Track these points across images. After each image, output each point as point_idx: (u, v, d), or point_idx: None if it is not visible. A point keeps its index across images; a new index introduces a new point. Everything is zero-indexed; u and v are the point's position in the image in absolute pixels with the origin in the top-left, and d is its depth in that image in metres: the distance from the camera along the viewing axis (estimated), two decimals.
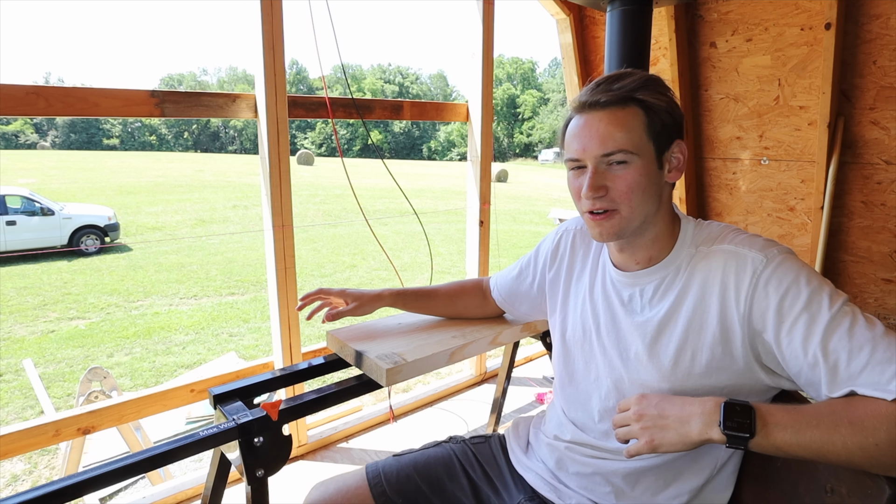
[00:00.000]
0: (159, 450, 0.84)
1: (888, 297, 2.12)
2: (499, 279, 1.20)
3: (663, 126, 0.78)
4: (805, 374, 0.70)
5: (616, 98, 0.77)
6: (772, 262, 0.73)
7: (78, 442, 2.54)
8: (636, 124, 0.77)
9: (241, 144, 65.47)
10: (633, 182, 0.77)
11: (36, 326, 6.04)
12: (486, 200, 2.31)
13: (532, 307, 1.14)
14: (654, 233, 0.83)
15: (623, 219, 0.79)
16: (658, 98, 0.78)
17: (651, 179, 0.79)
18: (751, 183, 2.39)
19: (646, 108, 0.77)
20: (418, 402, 2.29)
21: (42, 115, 1.35)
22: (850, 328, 0.67)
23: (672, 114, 0.79)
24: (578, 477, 0.91)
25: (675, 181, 0.83)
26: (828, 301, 0.69)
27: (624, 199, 0.78)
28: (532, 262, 1.09)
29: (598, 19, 2.59)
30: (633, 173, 0.77)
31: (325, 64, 2.11)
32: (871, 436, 0.61)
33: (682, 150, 0.81)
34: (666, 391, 0.80)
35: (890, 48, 1.85)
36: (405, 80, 77.05)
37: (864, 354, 0.65)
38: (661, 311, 0.81)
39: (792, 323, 0.69)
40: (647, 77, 0.80)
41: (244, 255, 9.50)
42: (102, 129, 60.45)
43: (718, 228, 0.82)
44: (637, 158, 0.77)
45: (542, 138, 60.49)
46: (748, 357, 0.75)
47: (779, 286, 0.71)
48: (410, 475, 0.98)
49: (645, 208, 0.79)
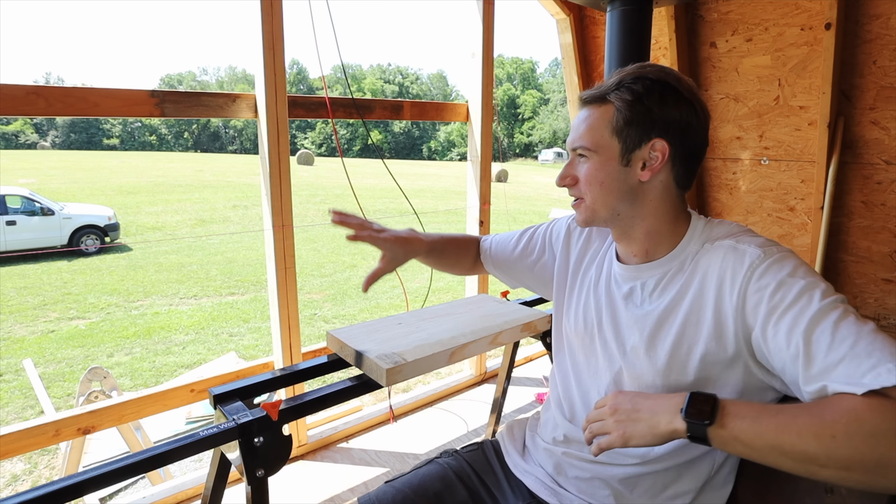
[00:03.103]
0: (159, 450, 0.84)
1: (888, 297, 2.12)
2: (494, 246, 1.15)
3: (628, 123, 0.79)
4: (788, 368, 0.67)
5: (592, 97, 0.83)
6: (769, 258, 0.72)
7: (78, 442, 2.54)
8: (602, 122, 0.81)
9: (241, 144, 65.46)
10: (589, 176, 0.83)
11: (36, 326, 6.04)
12: (486, 200, 2.31)
13: (521, 280, 1.13)
14: (644, 227, 0.84)
15: (587, 208, 0.85)
16: (625, 97, 0.79)
17: (611, 175, 0.81)
18: (751, 183, 2.39)
19: (616, 106, 0.80)
20: (418, 402, 2.29)
21: (42, 115, 1.35)
22: (836, 321, 0.64)
23: (644, 112, 0.78)
24: (578, 481, 0.91)
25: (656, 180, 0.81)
26: (819, 295, 0.67)
27: (585, 189, 0.84)
28: (540, 239, 1.09)
29: (598, 19, 2.59)
30: (590, 168, 0.83)
31: (325, 64, 2.11)
32: (829, 427, 0.58)
33: (661, 149, 0.79)
34: (660, 386, 0.80)
35: (890, 48, 1.85)
36: (405, 80, 77.05)
37: (845, 347, 0.62)
38: (662, 305, 0.82)
39: (780, 315, 0.68)
40: (628, 73, 0.81)
41: (244, 255, 9.50)
42: (102, 129, 60.45)
43: (727, 227, 0.82)
44: (595, 155, 0.82)
45: (542, 138, 60.50)
46: (742, 351, 0.74)
47: (772, 279, 0.70)
48: (408, 496, 0.96)
49: (608, 201, 0.83)
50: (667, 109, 0.79)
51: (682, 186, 0.84)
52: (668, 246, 0.84)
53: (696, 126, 0.80)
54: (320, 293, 7.47)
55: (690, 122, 0.79)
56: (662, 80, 0.79)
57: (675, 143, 0.79)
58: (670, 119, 0.79)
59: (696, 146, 0.82)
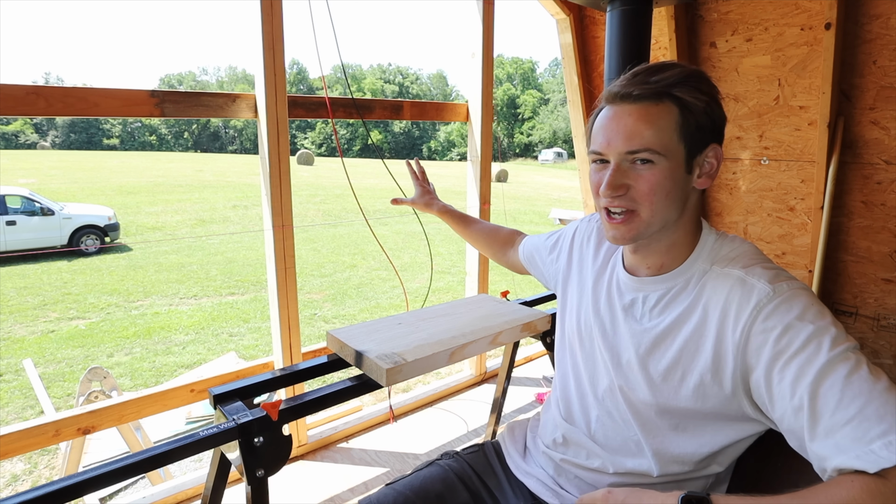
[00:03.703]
0: (159, 450, 0.84)
1: (888, 297, 2.12)
2: (527, 245, 1.23)
3: (698, 127, 0.73)
4: (787, 419, 0.64)
5: (650, 92, 0.72)
6: (778, 296, 0.68)
7: (78, 442, 2.54)
8: (668, 123, 0.72)
9: (241, 144, 65.44)
10: (656, 184, 0.73)
11: (36, 326, 6.04)
12: (486, 200, 2.31)
13: (545, 278, 1.17)
14: (671, 240, 0.79)
15: (642, 222, 0.75)
16: (697, 96, 0.73)
17: (677, 184, 0.74)
18: (751, 183, 2.39)
19: (682, 105, 0.72)
20: (418, 402, 2.29)
21: (42, 115, 1.35)
22: (847, 376, 0.59)
23: (711, 115, 0.74)
24: (579, 482, 0.91)
25: (705, 187, 0.77)
26: (829, 343, 0.62)
27: (645, 200, 0.74)
28: (556, 242, 1.11)
29: (598, 19, 2.59)
30: (658, 175, 0.73)
31: (325, 64, 2.11)
32: None
33: (718, 155, 0.76)
34: (652, 404, 0.79)
35: (890, 48, 1.85)
36: (405, 80, 77.03)
37: (855, 407, 0.58)
38: (662, 325, 0.79)
39: (785, 362, 0.64)
40: (690, 72, 0.74)
41: (244, 255, 9.50)
42: (102, 129, 60.43)
43: (738, 249, 0.77)
44: (664, 159, 0.73)
45: (542, 138, 60.48)
46: (737, 389, 0.71)
47: (779, 322, 0.66)
48: (409, 499, 0.95)
49: (666, 213, 0.75)
50: (721, 112, 0.76)
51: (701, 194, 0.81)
52: (679, 260, 0.80)
53: None
54: (320, 293, 7.47)
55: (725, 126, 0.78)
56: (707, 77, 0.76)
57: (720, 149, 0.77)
58: (722, 123, 0.76)
59: None
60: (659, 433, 0.81)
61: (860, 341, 2.21)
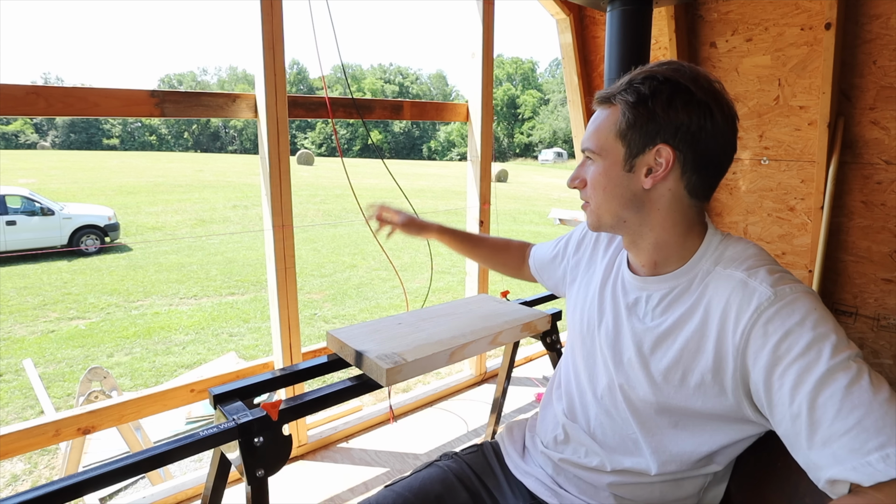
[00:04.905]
0: (159, 450, 0.84)
1: (888, 297, 2.12)
2: (537, 252, 1.22)
3: (638, 129, 0.74)
4: (785, 425, 0.64)
5: (602, 97, 0.80)
6: (779, 301, 0.67)
7: (78, 442, 2.54)
8: (608, 124, 0.78)
9: (241, 144, 65.46)
10: (593, 180, 0.81)
11: (36, 326, 6.04)
12: (486, 200, 2.31)
13: (556, 285, 1.17)
14: (652, 238, 0.80)
15: (591, 212, 0.84)
16: (637, 98, 0.74)
17: (613, 181, 0.79)
18: (751, 183, 2.39)
19: (624, 108, 0.76)
20: (418, 402, 2.29)
21: (42, 115, 1.35)
22: (847, 386, 0.59)
23: (654, 117, 0.73)
24: (578, 480, 0.91)
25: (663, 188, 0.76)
26: (830, 351, 0.62)
27: (590, 193, 0.82)
28: (564, 244, 1.12)
29: (598, 19, 2.59)
30: (595, 171, 0.81)
31: (325, 64, 2.11)
32: None
33: (667, 156, 0.74)
34: (652, 403, 0.79)
35: (890, 48, 1.85)
36: (405, 80, 77.04)
37: (853, 418, 0.58)
38: (664, 325, 0.79)
39: (785, 368, 0.64)
40: (645, 75, 0.75)
41: (244, 255, 9.50)
42: (102, 129, 60.45)
43: (743, 251, 0.76)
44: (599, 158, 0.80)
45: (542, 138, 60.49)
46: (737, 390, 0.72)
47: (780, 327, 0.66)
48: (408, 500, 0.95)
49: (611, 208, 0.80)
50: (673, 113, 0.72)
51: (697, 197, 0.77)
52: (678, 260, 0.80)
53: (712, 131, 0.72)
54: (320, 293, 7.47)
55: (704, 126, 0.72)
56: (673, 79, 0.73)
57: (683, 150, 0.73)
58: (678, 123, 0.72)
59: (713, 153, 0.74)
60: (658, 431, 0.81)
61: (860, 341, 2.21)
